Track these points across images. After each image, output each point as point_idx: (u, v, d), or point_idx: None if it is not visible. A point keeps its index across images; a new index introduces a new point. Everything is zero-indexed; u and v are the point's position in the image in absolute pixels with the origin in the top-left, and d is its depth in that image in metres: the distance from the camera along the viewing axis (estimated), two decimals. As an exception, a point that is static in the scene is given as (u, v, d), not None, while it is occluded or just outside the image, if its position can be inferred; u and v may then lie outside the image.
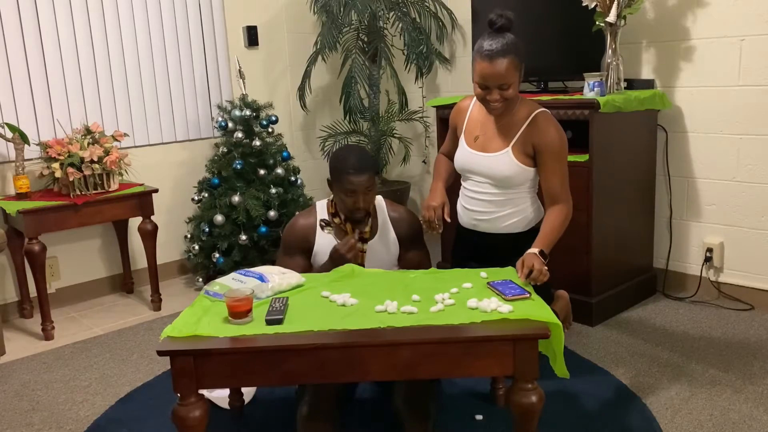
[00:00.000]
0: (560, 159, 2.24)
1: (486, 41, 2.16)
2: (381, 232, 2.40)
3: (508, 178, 2.28)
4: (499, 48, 2.13)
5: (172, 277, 4.03)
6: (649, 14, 3.25)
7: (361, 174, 2.26)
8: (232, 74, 4.13)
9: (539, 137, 2.23)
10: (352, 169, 2.26)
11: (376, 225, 2.41)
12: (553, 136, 2.22)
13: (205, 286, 2.11)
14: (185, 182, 3.98)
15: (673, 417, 2.24)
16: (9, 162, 3.38)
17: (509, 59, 2.13)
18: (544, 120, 2.24)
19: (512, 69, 2.15)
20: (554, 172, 2.24)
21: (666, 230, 3.39)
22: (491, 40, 2.15)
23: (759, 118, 3.02)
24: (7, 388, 2.71)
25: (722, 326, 2.96)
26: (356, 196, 2.27)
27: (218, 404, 2.40)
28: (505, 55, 2.13)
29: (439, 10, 4.18)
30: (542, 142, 2.22)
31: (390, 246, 2.41)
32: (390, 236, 2.41)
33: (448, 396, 2.40)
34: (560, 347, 1.89)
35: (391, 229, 2.41)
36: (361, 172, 2.26)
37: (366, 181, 2.27)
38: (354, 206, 2.29)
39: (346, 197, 2.29)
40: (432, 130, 4.35)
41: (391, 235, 2.41)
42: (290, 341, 1.73)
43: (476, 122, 2.36)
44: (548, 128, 2.23)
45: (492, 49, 2.13)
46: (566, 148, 2.27)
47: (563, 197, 2.24)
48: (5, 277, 3.48)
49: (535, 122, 2.24)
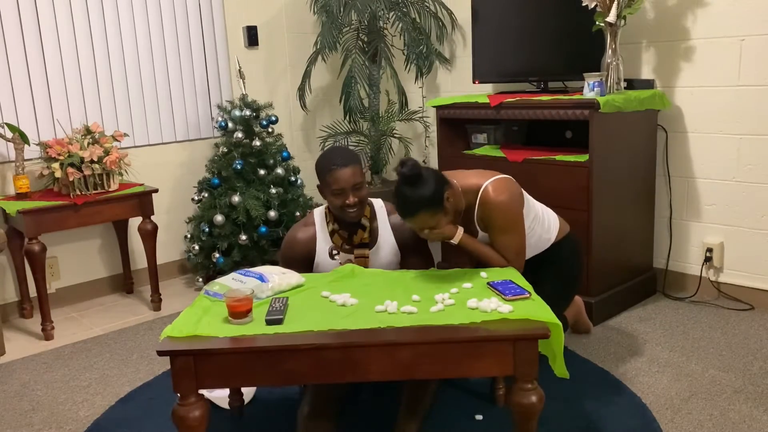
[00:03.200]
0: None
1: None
2: (381, 237, 2.35)
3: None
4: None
5: (172, 277, 4.03)
6: (649, 14, 3.25)
7: (345, 167, 2.20)
8: (232, 74, 4.13)
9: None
10: (334, 165, 2.21)
11: (376, 230, 2.35)
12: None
13: (205, 286, 2.11)
14: (185, 182, 3.98)
15: (673, 417, 2.24)
16: (9, 162, 3.38)
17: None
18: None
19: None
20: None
21: (666, 230, 3.39)
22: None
23: (759, 118, 3.01)
24: (7, 388, 2.71)
25: (722, 326, 2.96)
26: (345, 194, 2.21)
27: (218, 404, 2.40)
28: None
29: (439, 10, 4.18)
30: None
31: (391, 252, 2.35)
32: (390, 242, 2.35)
33: (448, 396, 2.40)
34: (560, 347, 1.89)
35: (392, 236, 2.36)
36: (345, 165, 2.20)
37: (351, 174, 2.20)
38: (345, 205, 2.21)
39: (335, 198, 2.22)
40: (432, 130, 4.35)
41: (391, 241, 2.35)
42: (290, 341, 1.73)
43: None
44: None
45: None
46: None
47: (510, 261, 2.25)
48: (5, 277, 3.48)
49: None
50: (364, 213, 2.31)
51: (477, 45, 3.67)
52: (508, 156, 3.22)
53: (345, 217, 2.26)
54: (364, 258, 2.31)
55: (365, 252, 2.31)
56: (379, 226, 2.36)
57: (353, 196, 2.21)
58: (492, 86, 3.86)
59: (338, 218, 2.32)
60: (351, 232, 2.32)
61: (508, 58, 3.57)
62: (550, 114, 3.01)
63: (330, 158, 2.25)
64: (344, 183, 2.20)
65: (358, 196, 2.23)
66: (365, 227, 2.31)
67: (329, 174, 2.22)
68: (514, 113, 3.15)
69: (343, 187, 2.20)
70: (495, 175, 2.25)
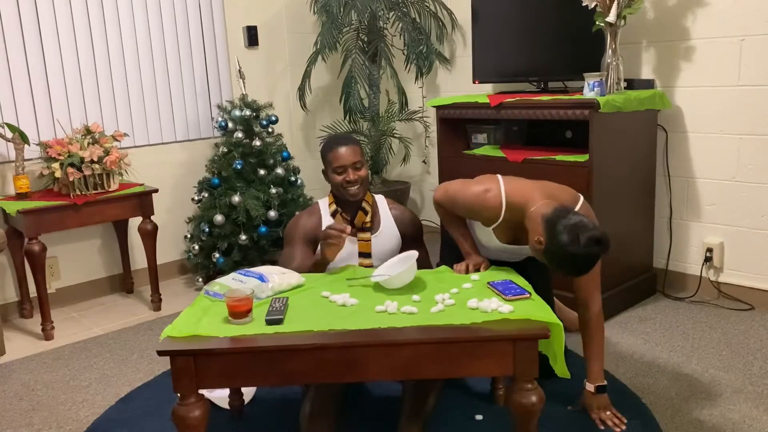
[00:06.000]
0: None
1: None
2: (383, 225, 2.43)
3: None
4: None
5: (172, 277, 4.03)
6: (649, 14, 3.25)
7: (346, 145, 2.37)
8: (232, 74, 4.13)
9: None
10: (335, 144, 2.39)
11: (378, 220, 2.43)
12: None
13: (205, 286, 2.11)
14: (185, 182, 3.98)
15: (673, 417, 2.24)
16: (9, 162, 3.38)
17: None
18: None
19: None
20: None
21: (666, 230, 3.39)
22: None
23: (759, 118, 3.01)
24: (7, 388, 2.71)
25: (722, 326, 2.96)
26: (346, 172, 2.34)
27: (218, 404, 2.40)
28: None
29: (439, 10, 4.18)
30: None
31: (392, 240, 2.43)
32: (393, 231, 2.44)
33: (449, 396, 2.40)
34: (561, 347, 1.89)
35: (393, 224, 2.44)
36: (346, 144, 2.37)
37: (352, 153, 2.35)
38: (345, 182, 2.34)
39: (337, 176, 2.35)
40: (432, 130, 4.35)
41: (393, 230, 2.44)
42: (290, 341, 1.73)
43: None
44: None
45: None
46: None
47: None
48: (5, 277, 3.48)
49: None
50: (366, 198, 2.41)
51: (477, 45, 3.67)
52: (508, 156, 3.22)
53: (347, 196, 2.37)
54: (367, 242, 2.37)
55: (367, 236, 2.38)
56: (381, 214, 2.45)
57: (353, 173, 2.34)
58: (492, 86, 3.86)
59: (340, 200, 2.42)
60: (353, 214, 2.39)
61: (508, 58, 3.57)
62: (550, 114, 3.01)
63: (333, 139, 2.46)
64: (344, 160, 2.35)
65: (358, 174, 2.35)
66: (367, 211, 2.39)
67: (331, 152, 2.38)
68: (514, 113, 3.15)
69: (343, 164, 2.35)
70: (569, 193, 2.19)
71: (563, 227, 1.90)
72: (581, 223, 1.90)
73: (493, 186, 2.15)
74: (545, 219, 1.96)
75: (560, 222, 1.91)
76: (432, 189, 4.49)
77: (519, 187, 2.14)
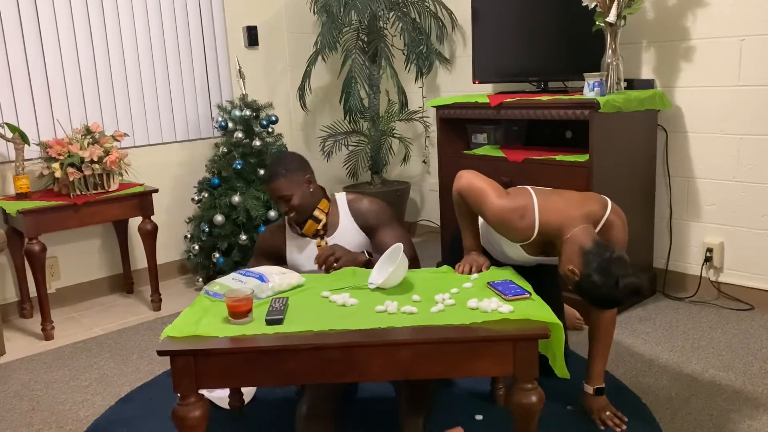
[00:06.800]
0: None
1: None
2: (342, 224, 2.46)
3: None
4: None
5: (172, 277, 4.03)
6: (649, 14, 3.25)
7: (269, 183, 2.41)
8: (232, 74, 4.13)
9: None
10: (262, 182, 2.47)
11: (336, 221, 2.47)
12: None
13: (205, 286, 2.12)
14: (185, 182, 3.98)
15: (673, 417, 2.24)
16: (9, 162, 3.38)
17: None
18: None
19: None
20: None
21: (666, 230, 3.39)
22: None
23: (759, 118, 3.01)
24: (7, 388, 2.71)
25: (722, 326, 2.96)
26: (279, 204, 2.42)
27: (218, 404, 2.40)
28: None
29: (439, 10, 4.18)
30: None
31: (356, 236, 2.46)
32: (352, 227, 2.47)
33: (448, 396, 2.40)
34: (560, 348, 1.89)
35: (351, 220, 2.47)
36: (269, 182, 2.41)
37: (276, 189, 2.39)
38: (283, 212, 2.42)
39: (277, 206, 2.45)
40: (432, 130, 4.35)
41: (352, 225, 2.47)
42: (290, 341, 1.73)
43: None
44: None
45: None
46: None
47: None
48: (5, 277, 3.48)
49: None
50: (320, 206, 2.46)
51: (477, 45, 3.67)
52: (508, 156, 3.22)
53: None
54: (321, 247, 2.45)
55: (323, 242, 2.45)
56: (340, 214, 2.49)
57: (284, 205, 2.41)
58: (492, 86, 3.86)
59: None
60: (301, 224, 2.46)
61: (508, 58, 3.57)
62: (550, 114, 3.01)
63: (267, 169, 2.51)
64: (272, 196, 2.45)
65: (290, 206, 2.40)
66: (319, 219, 2.44)
67: (264, 184, 2.50)
68: (514, 113, 3.15)
69: (274, 198, 2.44)
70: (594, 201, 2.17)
71: (602, 266, 1.88)
72: (619, 262, 1.89)
73: (526, 205, 2.06)
74: (584, 252, 1.93)
75: (600, 260, 1.90)
76: (432, 189, 4.49)
77: (554, 207, 2.06)
